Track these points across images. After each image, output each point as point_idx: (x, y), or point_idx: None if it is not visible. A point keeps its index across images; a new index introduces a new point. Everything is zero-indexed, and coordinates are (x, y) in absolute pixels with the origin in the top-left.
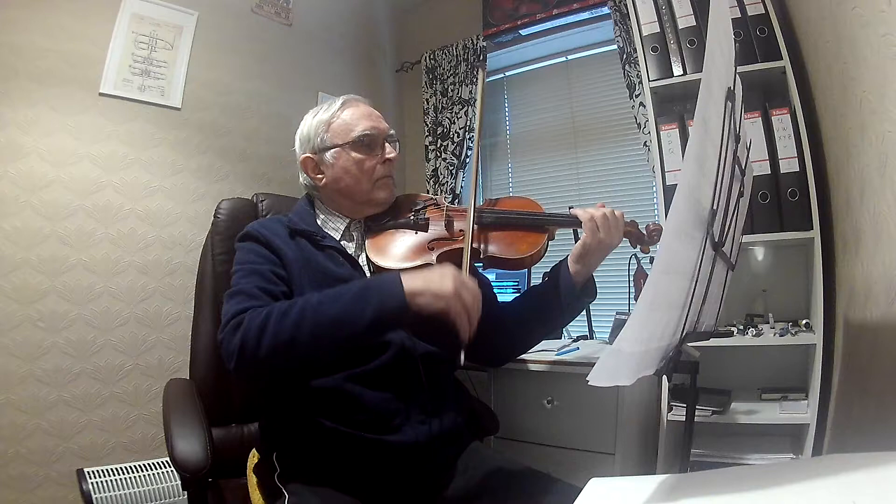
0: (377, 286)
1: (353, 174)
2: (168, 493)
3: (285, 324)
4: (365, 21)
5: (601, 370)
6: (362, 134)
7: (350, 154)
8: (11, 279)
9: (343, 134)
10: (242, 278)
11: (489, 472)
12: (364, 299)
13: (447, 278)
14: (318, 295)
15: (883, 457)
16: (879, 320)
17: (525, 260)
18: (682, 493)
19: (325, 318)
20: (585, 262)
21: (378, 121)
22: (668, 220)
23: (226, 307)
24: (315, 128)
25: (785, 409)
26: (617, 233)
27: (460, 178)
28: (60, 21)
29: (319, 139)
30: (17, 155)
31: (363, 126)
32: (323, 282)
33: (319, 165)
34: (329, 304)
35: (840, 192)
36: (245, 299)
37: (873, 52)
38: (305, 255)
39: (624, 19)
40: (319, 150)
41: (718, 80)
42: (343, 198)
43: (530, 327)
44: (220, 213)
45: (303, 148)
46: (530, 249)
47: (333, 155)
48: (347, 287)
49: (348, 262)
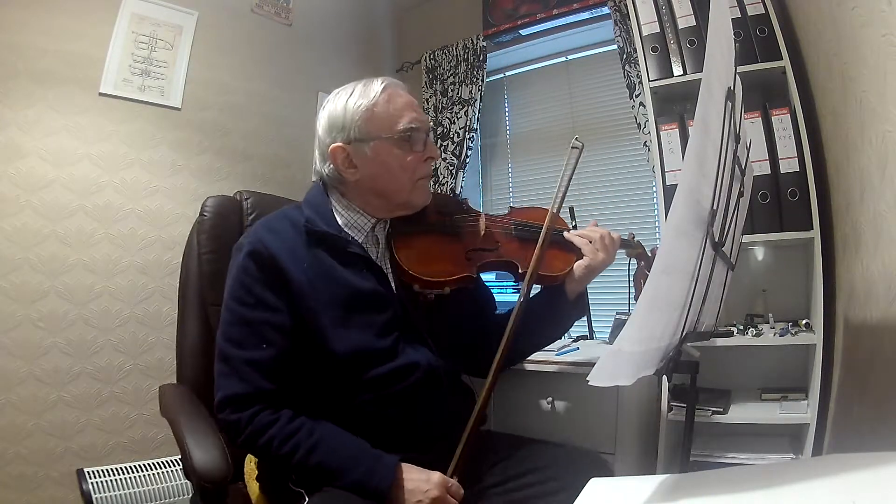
0: (371, 464)
1: (393, 171)
2: (168, 493)
3: (283, 451)
4: (365, 21)
5: (601, 370)
6: (408, 127)
7: (392, 149)
8: (11, 279)
9: (386, 126)
10: (232, 326)
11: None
12: (350, 469)
13: (432, 494)
14: (319, 435)
15: (883, 457)
16: (879, 320)
17: (558, 277)
18: (682, 493)
19: (314, 461)
20: (584, 281)
21: (421, 112)
22: (668, 220)
23: (217, 377)
24: (352, 114)
25: (785, 409)
26: (614, 250)
27: (460, 177)
28: (60, 21)
29: (357, 128)
30: (17, 155)
31: (409, 118)
32: (347, 299)
33: (353, 157)
34: (320, 453)
35: (840, 192)
36: (235, 380)
37: (873, 52)
38: (324, 268)
39: (624, 19)
40: (356, 139)
41: (718, 80)
42: (376, 196)
43: (520, 342)
44: (206, 211)
45: (333, 135)
46: (565, 268)
47: (373, 148)
48: (347, 442)
49: (373, 273)
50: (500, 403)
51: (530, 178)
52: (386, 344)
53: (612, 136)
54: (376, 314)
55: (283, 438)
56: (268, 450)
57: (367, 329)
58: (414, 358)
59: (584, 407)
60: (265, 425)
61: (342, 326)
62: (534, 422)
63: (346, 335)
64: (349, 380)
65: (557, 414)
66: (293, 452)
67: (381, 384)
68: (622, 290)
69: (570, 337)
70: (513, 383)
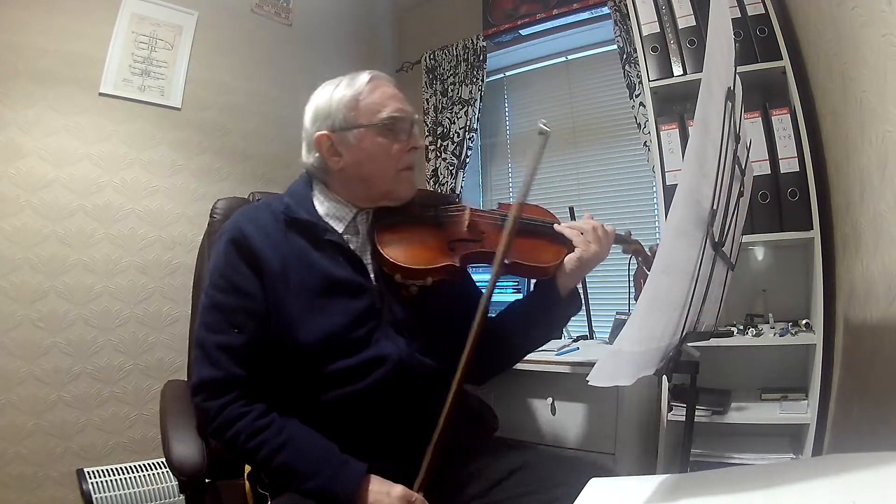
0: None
1: (376, 159)
2: (168, 494)
3: (248, 446)
4: (365, 21)
5: (601, 370)
6: (392, 116)
7: (376, 137)
8: (11, 279)
9: (370, 114)
10: (207, 311)
11: (495, 465)
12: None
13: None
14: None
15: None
16: (879, 320)
17: (548, 269)
18: (682, 493)
19: (279, 461)
20: (576, 275)
21: (406, 103)
22: (668, 220)
23: (192, 363)
24: (338, 102)
25: (785, 409)
26: (608, 244)
27: (460, 177)
28: (60, 21)
29: (342, 116)
30: (17, 155)
31: (393, 107)
32: (320, 285)
33: (337, 146)
34: (286, 454)
35: (840, 192)
36: (207, 365)
37: (873, 52)
38: (300, 253)
39: (624, 19)
40: (340, 128)
41: (718, 80)
42: (360, 185)
43: (515, 342)
44: (216, 213)
45: (318, 124)
46: (554, 259)
47: (356, 136)
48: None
49: (350, 262)
50: (500, 404)
51: None
52: (358, 334)
53: (612, 136)
54: (350, 301)
55: (249, 434)
56: (234, 443)
57: (340, 316)
58: (385, 351)
59: (584, 407)
60: (234, 419)
61: (313, 313)
62: (534, 422)
63: (316, 322)
64: (316, 373)
65: (557, 414)
66: (257, 449)
67: (347, 378)
68: (622, 290)
69: (570, 337)
70: (513, 384)
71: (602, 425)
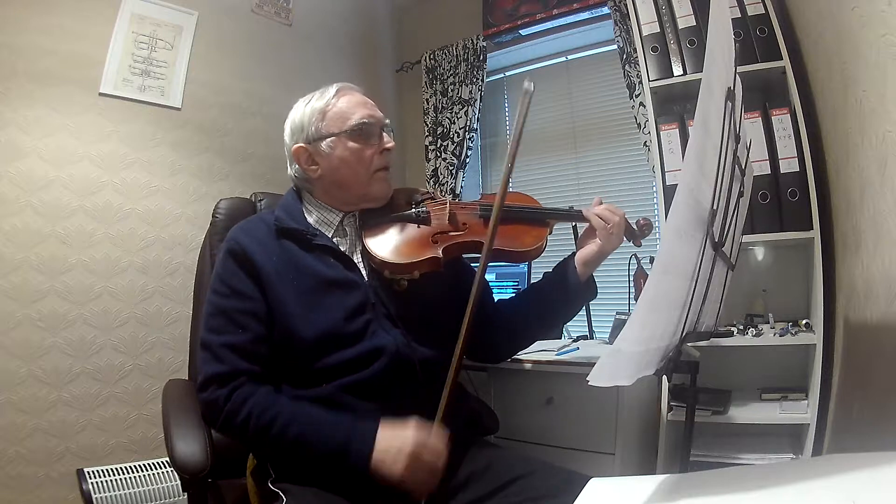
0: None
1: (350, 164)
2: (168, 493)
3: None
4: (365, 21)
5: (601, 370)
6: (359, 122)
7: (347, 143)
8: (11, 279)
9: (339, 122)
10: (211, 316)
11: (495, 469)
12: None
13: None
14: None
15: (883, 457)
16: (879, 320)
17: (530, 253)
18: (682, 493)
19: (294, 431)
20: (595, 264)
21: (374, 109)
22: (668, 220)
23: (199, 365)
24: (309, 116)
25: (785, 409)
26: (622, 233)
27: (460, 177)
28: (60, 21)
29: (314, 128)
30: (17, 155)
31: (360, 114)
32: (314, 285)
33: (314, 156)
34: (299, 424)
35: (840, 192)
36: (213, 362)
37: (873, 52)
38: (293, 258)
39: (624, 19)
40: (314, 139)
41: (718, 80)
42: (339, 190)
43: (531, 324)
44: (218, 213)
45: (295, 138)
46: (535, 243)
47: (329, 144)
48: (327, 414)
49: (341, 262)
50: (500, 404)
51: (530, 177)
52: (354, 327)
53: (612, 136)
54: (345, 298)
55: (262, 409)
56: (246, 427)
57: (336, 311)
58: (382, 342)
59: (584, 407)
60: (243, 400)
61: (310, 310)
62: (534, 422)
63: (314, 319)
64: (317, 367)
65: (557, 414)
66: (271, 424)
67: (349, 368)
68: (622, 290)
69: (570, 337)
70: (513, 383)
71: (602, 425)
